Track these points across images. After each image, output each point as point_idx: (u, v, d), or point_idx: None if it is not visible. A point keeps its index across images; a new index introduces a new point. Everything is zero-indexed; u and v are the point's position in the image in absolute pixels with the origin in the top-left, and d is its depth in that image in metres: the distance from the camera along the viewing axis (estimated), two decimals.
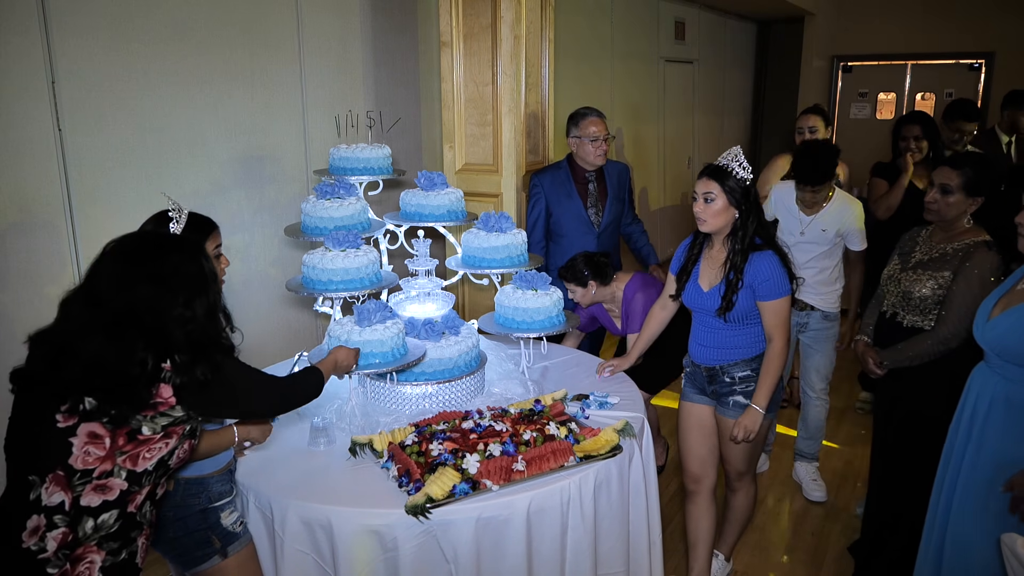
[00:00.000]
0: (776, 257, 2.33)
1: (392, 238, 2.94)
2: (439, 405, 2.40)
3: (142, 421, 1.46)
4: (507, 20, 3.43)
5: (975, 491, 2.04)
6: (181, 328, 1.49)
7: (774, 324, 2.34)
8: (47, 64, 2.55)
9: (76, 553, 1.44)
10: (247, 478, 2.00)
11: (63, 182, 2.65)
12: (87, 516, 1.44)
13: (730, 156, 2.33)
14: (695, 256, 2.48)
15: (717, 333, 2.44)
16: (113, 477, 1.45)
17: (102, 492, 1.45)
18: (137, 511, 1.51)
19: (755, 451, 2.54)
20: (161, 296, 1.47)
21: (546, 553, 1.96)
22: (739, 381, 2.43)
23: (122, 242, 1.54)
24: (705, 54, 7.81)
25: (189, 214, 1.89)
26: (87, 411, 1.42)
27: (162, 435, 1.50)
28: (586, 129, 3.33)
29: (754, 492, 2.68)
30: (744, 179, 2.30)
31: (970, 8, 7.74)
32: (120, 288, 1.46)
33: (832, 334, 3.33)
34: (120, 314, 1.45)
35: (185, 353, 1.49)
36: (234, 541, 1.88)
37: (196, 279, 1.53)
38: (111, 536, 1.47)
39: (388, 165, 2.90)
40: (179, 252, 1.55)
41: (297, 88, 3.46)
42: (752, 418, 2.38)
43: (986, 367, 2.08)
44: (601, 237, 3.44)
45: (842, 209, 3.16)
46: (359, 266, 2.44)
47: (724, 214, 2.32)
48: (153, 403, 1.46)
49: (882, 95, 8.50)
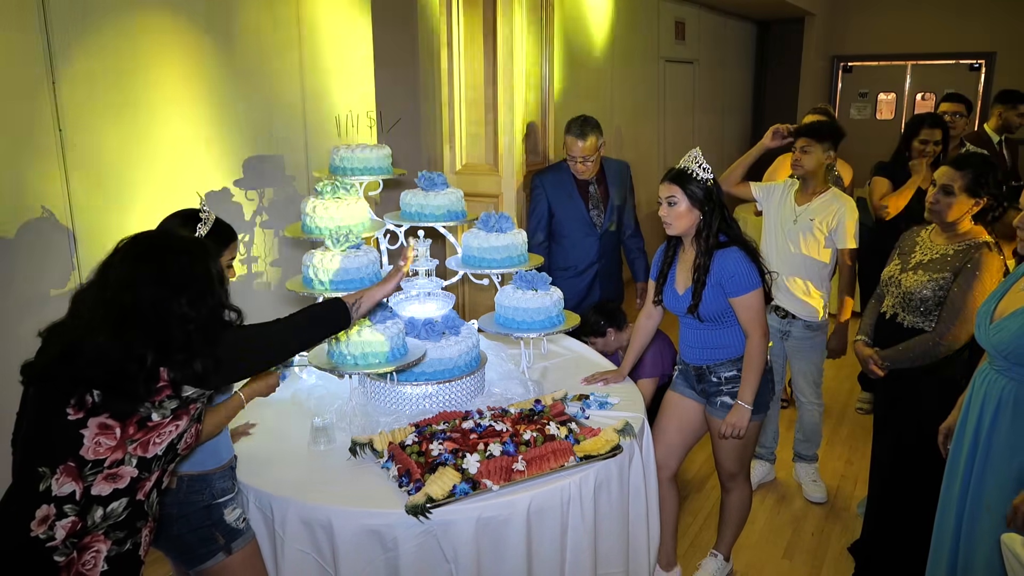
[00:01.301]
0: (741, 252, 2.34)
1: (392, 238, 2.94)
2: (439, 405, 2.40)
3: (151, 408, 1.49)
4: (507, 20, 3.43)
5: (987, 495, 2.02)
6: (182, 328, 1.51)
7: (748, 319, 2.35)
8: (47, 64, 2.55)
9: (84, 542, 1.46)
10: (247, 478, 2.00)
11: (63, 182, 2.65)
12: (97, 505, 1.47)
13: (690, 159, 2.36)
14: (670, 259, 2.51)
15: (699, 333, 2.46)
16: (124, 465, 1.48)
17: (113, 480, 1.48)
18: (146, 499, 1.54)
19: (746, 451, 2.54)
20: (166, 296, 1.51)
21: (546, 553, 1.97)
22: (725, 381, 2.45)
23: (133, 241, 1.58)
24: (705, 54, 7.82)
25: (216, 219, 1.93)
26: (95, 404, 1.45)
27: (171, 418, 1.53)
28: (568, 146, 3.31)
29: (748, 492, 2.69)
30: (705, 180, 2.32)
31: (970, 8, 7.74)
32: (127, 286, 1.50)
33: (816, 343, 3.26)
34: (125, 311, 1.48)
35: (182, 352, 1.51)
36: (238, 537, 1.88)
37: (201, 281, 1.56)
38: (118, 525, 1.50)
39: (388, 165, 2.90)
40: (188, 254, 1.58)
41: (298, 88, 3.46)
42: (739, 415, 2.39)
43: (990, 369, 2.06)
44: (603, 239, 3.43)
45: (833, 201, 3.11)
46: (359, 266, 2.44)
47: (688, 216, 2.34)
48: (158, 388, 1.49)
49: (882, 95, 8.51)
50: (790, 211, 3.17)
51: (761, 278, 2.36)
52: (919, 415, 2.50)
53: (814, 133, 3.10)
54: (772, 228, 3.24)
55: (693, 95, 7.70)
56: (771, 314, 3.24)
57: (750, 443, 2.53)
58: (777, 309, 3.23)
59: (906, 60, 8.29)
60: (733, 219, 2.41)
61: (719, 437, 2.48)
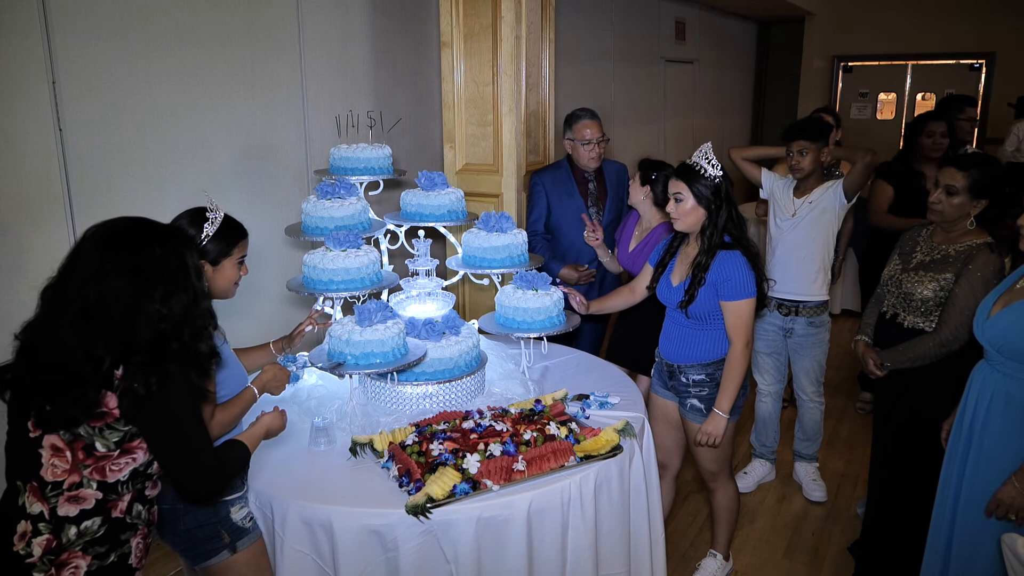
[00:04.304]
0: (743, 258, 2.33)
1: (392, 238, 2.94)
2: (439, 405, 2.40)
3: (93, 435, 1.39)
4: (507, 20, 3.43)
5: (980, 491, 2.04)
6: (151, 326, 1.39)
7: (734, 325, 2.34)
8: (47, 64, 2.55)
9: (60, 559, 1.41)
10: (248, 478, 2.00)
11: (63, 182, 2.65)
12: (69, 524, 1.41)
13: (700, 154, 2.35)
14: (673, 251, 2.52)
15: (681, 329, 2.47)
16: (84, 488, 1.41)
17: (76, 502, 1.41)
18: (124, 515, 1.48)
19: (723, 452, 2.55)
20: (135, 290, 1.38)
21: (547, 553, 1.96)
22: (693, 384, 2.46)
23: (103, 228, 1.45)
24: (705, 54, 7.82)
25: (224, 217, 1.90)
26: (47, 419, 1.37)
27: (119, 452, 1.42)
28: (579, 132, 3.32)
29: (733, 489, 2.69)
30: (713, 176, 2.31)
31: (970, 8, 7.74)
32: (93, 278, 1.38)
33: (819, 339, 3.27)
34: (89, 306, 1.37)
35: (143, 354, 1.38)
36: (243, 536, 1.88)
37: (177, 274, 1.44)
38: (97, 541, 1.44)
39: (388, 165, 2.90)
40: (162, 244, 1.45)
41: (298, 88, 3.46)
42: (715, 423, 2.40)
43: (986, 365, 2.08)
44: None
45: (829, 183, 3.15)
46: (359, 266, 2.44)
47: (693, 213, 2.34)
48: (100, 412, 1.39)
49: (883, 95, 8.51)
50: (790, 204, 3.20)
51: (757, 287, 2.35)
52: (919, 413, 2.50)
53: (807, 135, 3.10)
54: (776, 216, 3.27)
55: (693, 95, 7.70)
56: (774, 312, 3.25)
57: (727, 445, 2.53)
58: (780, 307, 3.24)
59: (906, 60, 8.29)
60: (742, 218, 2.40)
61: (694, 444, 2.49)
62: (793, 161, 3.12)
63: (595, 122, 3.33)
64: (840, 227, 3.21)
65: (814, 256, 3.16)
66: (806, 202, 3.14)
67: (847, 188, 3.06)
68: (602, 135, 3.34)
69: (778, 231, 3.23)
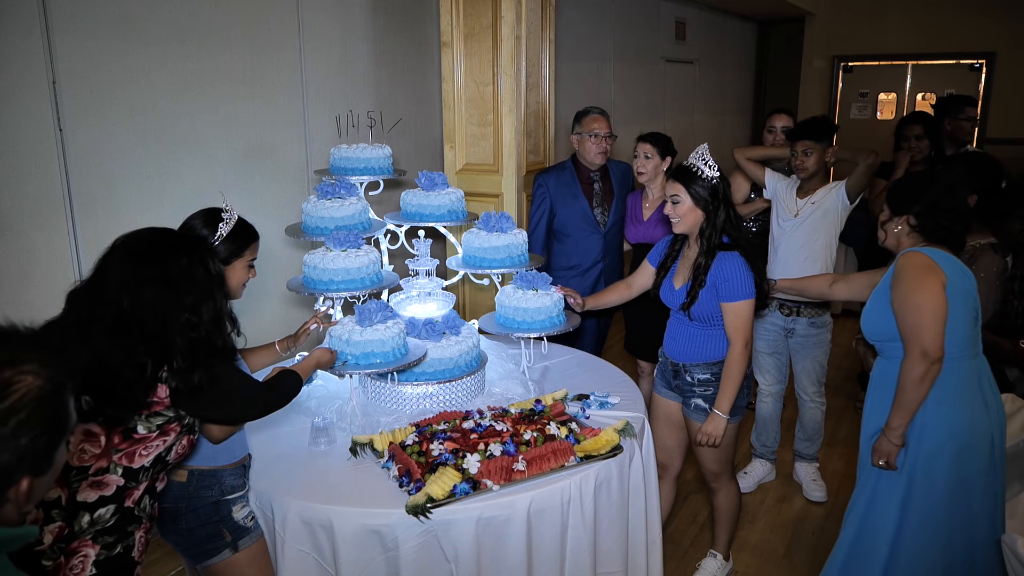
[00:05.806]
0: (742, 259, 2.33)
1: (393, 238, 2.94)
2: (440, 405, 2.40)
3: (138, 420, 1.46)
4: (507, 20, 3.43)
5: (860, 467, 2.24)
6: (184, 334, 1.47)
7: (734, 326, 2.35)
8: (48, 64, 2.55)
9: (71, 547, 1.45)
10: (249, 478, 2.00)
11: (63, 182, 2.65)
12: (83, 511, 1.45)
13: (697, 156, 2.35)
14: (675, 253, 2.52)
15: (685, 329, 2.47)
16: (109, 474, 1.45)
17: (98, 488, 1.45)
18: (135, 506, 1.52)
19: (726, 453, 2.55)
20: (167, 300, 1.46)
21: (546, 553, 1.97)
22: (698, 384, 2.46)
23: (131, 239, 1.52)
24: (705, 54, 7.82)
25: (238, 219, 1.92)
26: (83, 411, 1.40)
27: (158, 433, 1.49)
28: (588, 124, 3.33)
29: (735, 490, 2.69)
30: (711, 178, 2.32)
31: (970, 8, 7.74)
32: (126, 288, 1.45)
33: (821, 340, 3.27)
34: (124, 315, 1.44)
35: (185, 360, 1.47)
36: (245, 535, 1.88)
37: (204, 283, 1.52)
38: (107, 530, 1.48)
39: (389, 165, 2.90)
40: (188, 254, 1.53)
41: (298, 88, 3.46)
42: (715, 424, 2.40)
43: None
44: (607, 236, 3.43)
45: (832, 185, 3.15)
46: (360, 266, 2.45)
47: (691, 215, 2.35)
48: (149, 402, 1.46)
49: (883, 95, 8.50)
50: (793, 204, 3.20)
51: (757, 287, 2.35)
52: None
53: (812, 135, 3.10)
54: (779, 217, 3.27)
55: (694, 95, 7.70)
56: (775, 312, 3.25)
57: (729, 445, 2.53)
58: (782, 307, 3.24)
59: (906, 60, 8.28)
60: (740, 219, 2.40)
61: (696, 444, 2.49)
62: (798, 161, 3.12)
63: (604, 118, 3.36)
64: (843, 228, 3.21)
65: (816, 257, 3.15)
66: (809, 203, 3.14)
67: (850, 189, 3.06)
68: (610, 132, 3.36)
69: (781, 231, 3.23)
